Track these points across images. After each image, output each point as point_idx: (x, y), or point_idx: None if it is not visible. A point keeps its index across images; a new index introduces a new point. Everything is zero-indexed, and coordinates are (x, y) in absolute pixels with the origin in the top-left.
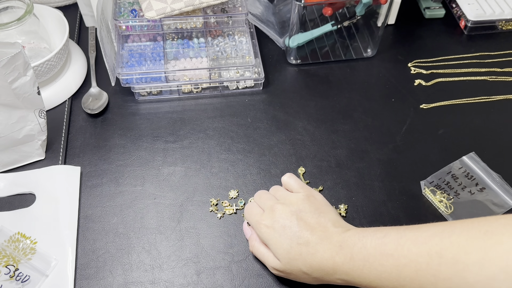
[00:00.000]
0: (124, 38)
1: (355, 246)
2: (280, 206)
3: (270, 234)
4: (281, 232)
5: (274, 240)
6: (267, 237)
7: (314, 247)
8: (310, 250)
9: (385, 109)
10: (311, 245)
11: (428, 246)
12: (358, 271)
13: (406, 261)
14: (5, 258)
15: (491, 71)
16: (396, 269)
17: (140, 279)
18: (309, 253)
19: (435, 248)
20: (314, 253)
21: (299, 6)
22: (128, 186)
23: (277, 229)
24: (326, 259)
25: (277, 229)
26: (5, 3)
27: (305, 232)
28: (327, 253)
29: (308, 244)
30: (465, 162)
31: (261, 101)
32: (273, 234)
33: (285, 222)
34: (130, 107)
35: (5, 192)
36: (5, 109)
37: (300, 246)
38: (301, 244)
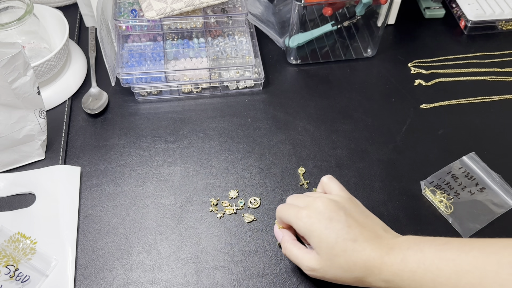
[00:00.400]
0: (124, 38)
1: (410, 249)
2: (325, 199)
3: (314, 225)
4: (327, 224)
5: (318, 232)
6: (310, 228)
7: (362, 245)
8: (357, 247)
9: (385, 109)
10: (358, 242)
11: (498, 256)
12: (409, 273)
13: (469, 267)
14: (5, 258)
15: (491, 71)
16: (456, 275)
17: (140, 279)
18: (356, 250)
19: (507, 258)
20: (361, 251)
21: (299, 6)
22: (128, 186)
23: (322, 220)
24: (373, 258)
25: (322, 221)
26: (5, 3)
27: (354, 229)
28: (375, 252)
29: (356, 240)
30: (465, 162)
31: (261, 101)
32: (317, 225)
33: (331, 215)
34: (130, 107)
35: (5, 192)
36: (5, 109)
37: (346, 242)
38: (348, 240)
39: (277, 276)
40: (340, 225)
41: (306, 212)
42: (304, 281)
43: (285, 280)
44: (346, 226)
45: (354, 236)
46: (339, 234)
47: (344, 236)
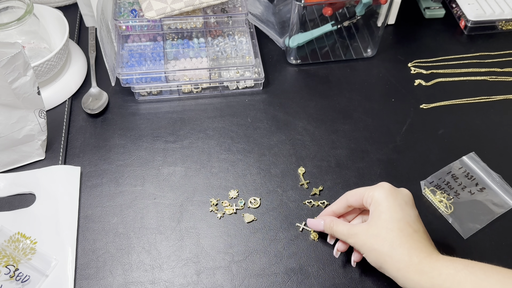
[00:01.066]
0: (124, 38)
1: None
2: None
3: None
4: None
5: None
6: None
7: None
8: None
9: (385, 109)
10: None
11: None
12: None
13: None
14: (5, 258)
15: (491, 71)
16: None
17: (140, 279)
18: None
19: None
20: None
21: (299, 6)
22: (128, 186)
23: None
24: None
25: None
26: (5, 3)
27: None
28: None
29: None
30: (465, 162)
31: (261, 101)
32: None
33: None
34: (130, 107)
35: (5, 192)
36: (5, 109)
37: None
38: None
39: (277, 276)
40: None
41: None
42: (304, 281)
43: (285, 280)
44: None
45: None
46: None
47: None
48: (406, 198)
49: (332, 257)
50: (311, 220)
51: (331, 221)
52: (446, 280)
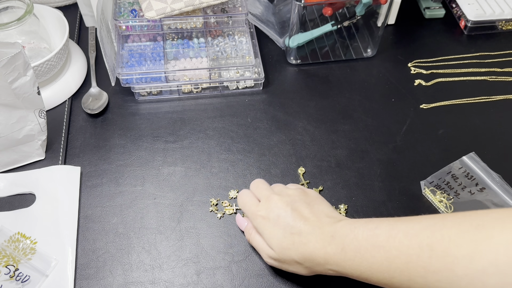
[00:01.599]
0: (124, 38)
1: (347, 237)
2: (276, 196)
3: (265, 224)
4: (275, 222)
5: (268, 230)
6: (262, 228)
7: (306, 237)
8: (303, 240)
9: (385, 109)
10: (303, 235)
11: (419, 239)
12: (349, 262)
13: (397, 253)
14: (5, 258)
15: (491, 71)
16: (387, 261)
17: (140, 279)
18: (302, 242)
19: (426, 241)
20: (306, 243)
21: (299, 6)
22: (128, 186)
23: (271, 219)
24: (318, 249)
25: (272, 219)
26: (5, 3)
27: (298, 222)
28: (319, 243)
29: (301, 233)
30: (465, 162)
31: (261, 101)
32: (267, 225)
33: (279, 212)
34: (130, 107)
35: (5, 192)
36: (5, 109)
37: (293, 235)
38: (294, 233)
39: (277, 276)
40: (286, 220)
41: (260, 213)
42: (304, 281)
43: (285, 280)
44: (291, 221)
45: (299, 229)
46: (286, 229)
47: (290, 230)
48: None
49: None
50: (239, 217)
51: (249, 228)
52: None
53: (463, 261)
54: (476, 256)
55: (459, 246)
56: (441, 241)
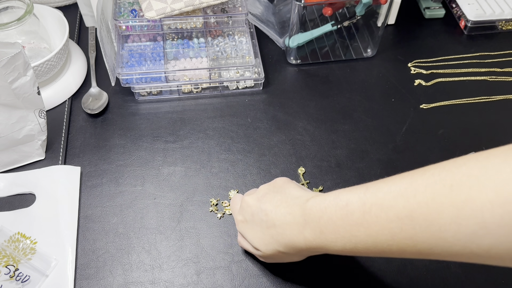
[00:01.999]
0: (124, 38)
1: (321, 219)
2: (247, 197)
3: (245, 227)
4: (251, 222)
5: (248, 232)
6: (243, 231)
7: (281, 226)
8: (279, 231)
9: (385, 109)
10: (278, 225)
11: (395, 210)
12: (331, 244)
13: (377, 228)
14: (5, 258)
15: (491, 71)
16: (371, 238)
17: (140, 279)
18: (279, 233)
19: (403, 212)
20: (283, 233)
21: (299, 6)
22: (128, 186)
23: (248, 220)
24: (295, 235)
25: (248, 220)
26: (5, 3)
27: (269, 214)
28: (294, 230)
29: (275, 225)
30: None
31: (261, 101)
32: (247, 227)
33: (252, 210)
34: (130, 107)
35: (5, 192)
36: (5, 109)
37: (270, 229)
38: (270, 227)
39: (277, 276)
40: (259, 216)
41: (238, 218)
42: (304, 281)
43: (285, 280)
44: (263, 215)
45: (272, 221)
46: (262, 225)
47: (266, 225)
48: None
49: (331, 257)
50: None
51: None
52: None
53: (450, 227)
54: (462, 221)
55: (440, 212)
56: (419, 209)
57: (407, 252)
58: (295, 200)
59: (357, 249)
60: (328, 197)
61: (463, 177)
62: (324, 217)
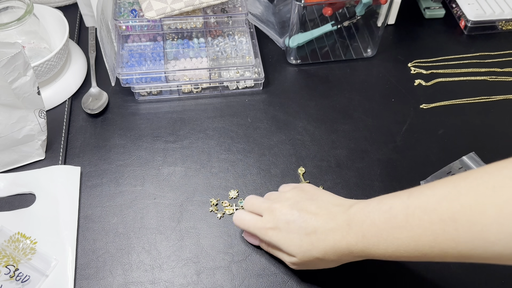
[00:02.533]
0: (124, 38)
1: (364, 223)
2: (277, 204)
3: (278, 235)
4: (286, 229)
5: (283, 239)
6: (276, 239)
7: (323, 233)
8: (320, 237)
9: (385, 109)
10: (319, 232)
11: (438, 212)
12: (374, 247)
13: (420, 230)
14: (5, 258)
15: (491, 71)
16: (413, 240)
17: (140, 279)
18: (320, 239)
19: (446, 214)
20: (325, 239)
21: (299, 6)
22: (128, 186)
23: (282, 228)
24: (338, 240)
25: (282, 228)
26: (5, 3)
27: (309, 221)
28: (337, 235)
29: (316, 231)
30: (465, 162)
31: (261, 101)
32: (280, 235)
33: (287, 218)
34: (130, 107)
35: (5, 192)
36: (5, 109)
37: (309, 235)
38: (310, 233)
39: (277, 276)
40: (297, 224)
41: (269, 226)
42: (304, 281)
43: (285, 280)
44: (302, 222)
45: (313, 227)
46: (300, 232)
47: (304, 231)
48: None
49: None
50: (245, 235)
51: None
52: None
53: (493, 227)
54: (504, 221)
55: (482, 212)
56: (462, 211)
57: (448, 254)
58: (336, 208)
59: (399, 252)
60: (371, 203)
61: (505, 179)
62: (367, 221)
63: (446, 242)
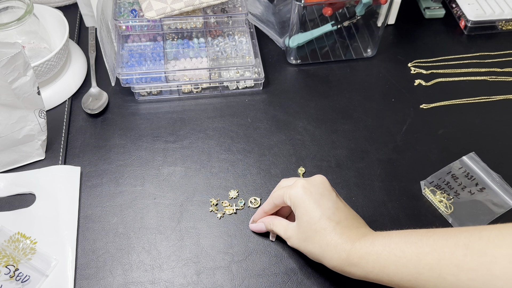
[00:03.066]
0: (124, 38)
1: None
2: (323, 176)
3: (305, 196)
4: (317, 199)
5: (306, 203)
6: (301, 199)
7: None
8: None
9: (385, 109)
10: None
11: (456, 239)
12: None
13: (429, 249)
14: (5, 258)
15: (491, 71)
16: (417, 256)
17: (140, 279)
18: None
19: (463, 241)
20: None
21: (299, 6)
22: (128, 186)
23: (314, 194)
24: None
25: (314, 195)
26: (5, 3)
27: (340, 212)
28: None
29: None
30: (465, 162)
31: (261, 101)
32: (308, 197)
33: (324, 192)
34: (130, 107)
35: (5, 192)
36: (5, 109)
37: (330, 221)
38: (332, 220)
39: (277, 276)
40: (329, 203)
41: (303, 182)
42: (304, 281)
43: (285, 280)
44: (334, 207)
45: (339, 218)
46: (325, 212)
47: (329, 215)
48: (320, 189)
49: None
50: (252, 225)
51: (270, 223)
52: (374, 266)
53: (502, 260)
54: None
55: (498, 246)
56: (479, 241)
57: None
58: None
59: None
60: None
61: None
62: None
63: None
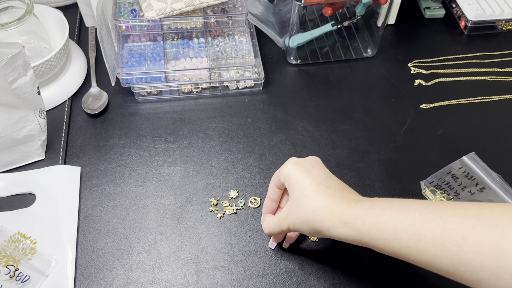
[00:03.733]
0: (124, 38)
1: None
2: (312, 156)
3: (296, 169)
4: (308, 169)
5: (297, 174)
6: (292, 171)
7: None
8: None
9: (385, 109)
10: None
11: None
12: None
13: (434, 217)
14: (5, 258)
15: (491, 71)
16: (420, 223)
17: (140, 279)
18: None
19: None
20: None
21: (299, 6)
22: (128, 186)
23: (305, 166)
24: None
25: (305, 166)
26: (5, 3)
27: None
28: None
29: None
30: (465, 162)
31: (261, 101)
32: (298, 170)
33: (316, 164)
34: (130, 107)
35: (5, 192)
36: (5, 109)
37: (320, 185)
38: (322, 184)
39: (277, 276)
40: (320, 172)
41: (295, 159)
42: (304, 281)
43: (285, 280)
44: (324, 174)
45: (330, 184)
46: (315, 178)
47: (319, 180)
48: (312, 163)
49: (332, 257)
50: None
51: (265, 225)
52: (370, 229)
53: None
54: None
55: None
56: (491, 214)
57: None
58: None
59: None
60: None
61: None
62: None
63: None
